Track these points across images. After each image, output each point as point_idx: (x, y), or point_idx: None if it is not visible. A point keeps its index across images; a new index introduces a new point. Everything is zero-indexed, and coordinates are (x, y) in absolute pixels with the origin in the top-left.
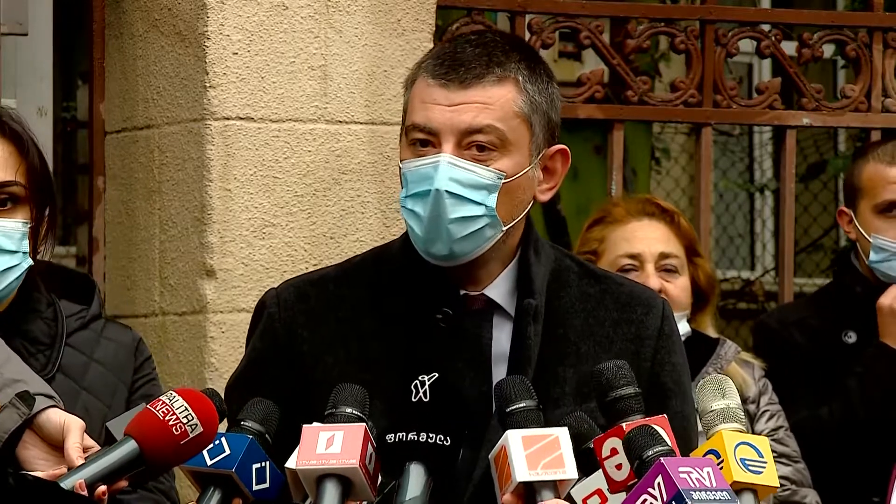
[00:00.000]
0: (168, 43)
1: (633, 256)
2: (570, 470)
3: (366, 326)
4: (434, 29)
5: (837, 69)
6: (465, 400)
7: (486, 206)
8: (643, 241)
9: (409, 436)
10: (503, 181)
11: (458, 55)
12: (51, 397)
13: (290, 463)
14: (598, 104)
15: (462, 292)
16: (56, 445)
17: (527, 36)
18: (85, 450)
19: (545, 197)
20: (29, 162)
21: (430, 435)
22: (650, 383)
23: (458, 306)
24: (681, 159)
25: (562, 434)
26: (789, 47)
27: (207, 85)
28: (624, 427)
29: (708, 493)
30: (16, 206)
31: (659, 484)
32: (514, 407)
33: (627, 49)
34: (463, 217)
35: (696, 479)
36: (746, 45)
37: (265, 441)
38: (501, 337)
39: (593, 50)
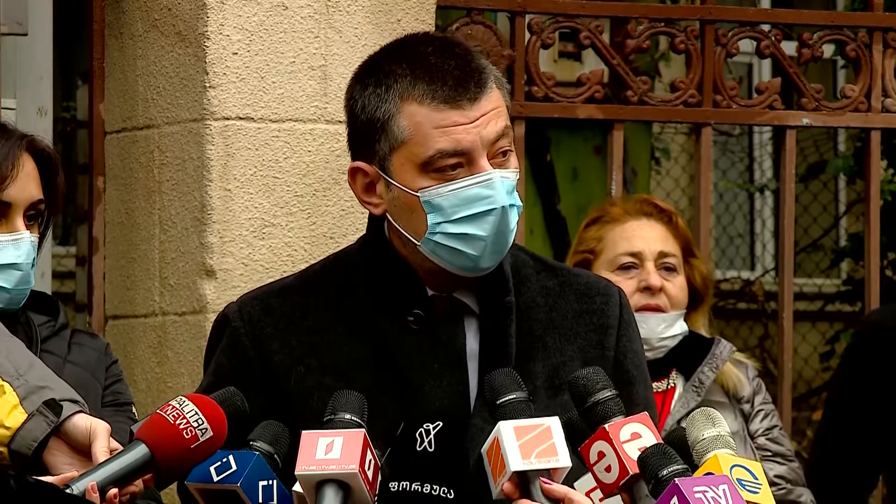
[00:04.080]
0: (168, 43)
1: (633, 254)
2: (563, 458)
3: (335, 333)
4: (434, 29)
5: (837, 69)
6: (470, 452)
7: (518, 206)
8: (643, 239)
9: (413, 486)
10: (518, 177)
11: (447, 72)
12: (75, 402)
13: (298, 486)
14: (598, 104)
15: (430, 293)
16: (82, 450)
17: (527, 36)
18: (111, 453)
19: None
20: (56, 181)
21: (434, 487)
22: (615, 371)
23: (426, 308)
24: (681, 159)
25: (553, 423)
26: (789, 47)
27: (207, 85)
28: (607, 428)
29: None
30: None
31: None
32: (504, 399)
33: (627, 49)
34: (515, 224)
35: (712, 497)
36: (746, 45)
37: (274, 462)
38: (469, 336)
39: (593, 50)
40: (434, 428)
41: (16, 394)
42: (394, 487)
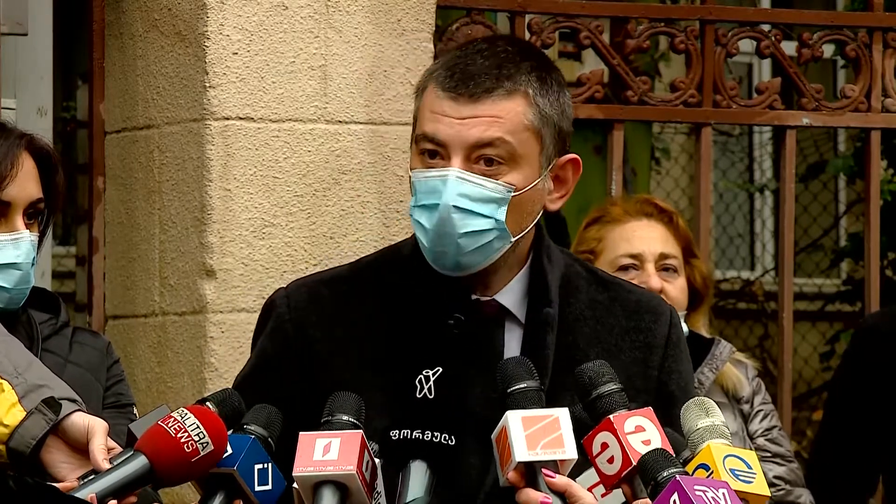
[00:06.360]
0: (168, 43)
1: (633, 256)
2: (569, 450)
3: (377, 330)
4: (434, 29)
5: (837, 69)
6: (469, 398)
7: (495, 219)
8: (643, 240)
9: (414, 434)
10: (512, 195)
11: (468, 67)
12: (74, 401)
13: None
14: (598, 104)
15: (473, 297)
16: (80, 448)
17: (526, 36)
18: (109, 451)
19: (555, 206)
20: (55, 179)
21: (435, 434)
22: (658, 391)
23: (469, 312)
24: (681, 159)
25: (562, 414)
26: (789, 47)
27: (207, 85)
28: (612, 419)
29: None
30: (37, 221)
31: (674, 501)
32: (515, 387)
33: (627, 49)
34: (472, 231)
35: (712, 497)
36: (746, 45)
37: (268, 445)
38: (512, 343)
39: (593, 50)
40: (433, 374)
41: (14, 392)
42: (395, 436)
